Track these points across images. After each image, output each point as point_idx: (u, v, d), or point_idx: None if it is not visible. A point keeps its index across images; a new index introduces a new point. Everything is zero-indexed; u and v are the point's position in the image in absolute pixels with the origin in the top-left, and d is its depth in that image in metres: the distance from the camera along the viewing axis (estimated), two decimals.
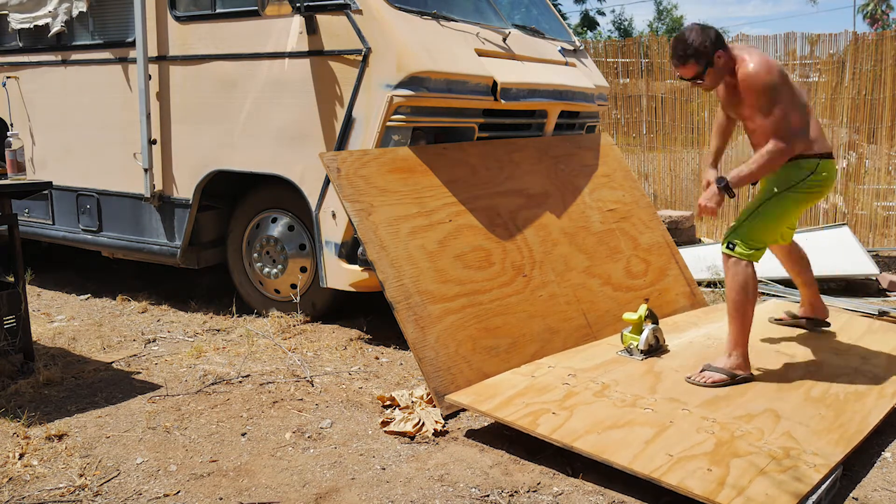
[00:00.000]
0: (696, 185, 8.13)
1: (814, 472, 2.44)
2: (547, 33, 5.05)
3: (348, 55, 3.86)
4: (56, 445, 2.81)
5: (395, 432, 2.93)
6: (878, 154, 7.32)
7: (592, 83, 5.02)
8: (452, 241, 3.66)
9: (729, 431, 2.70)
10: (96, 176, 4.98)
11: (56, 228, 5.29)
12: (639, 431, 2.69)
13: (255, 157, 4.27)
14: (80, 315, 4.68)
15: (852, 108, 7.40)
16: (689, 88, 8.20)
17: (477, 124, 4.19)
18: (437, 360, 3.18)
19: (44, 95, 5.21)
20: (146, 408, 3.18)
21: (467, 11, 4.47)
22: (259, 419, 3.07)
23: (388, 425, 2.97)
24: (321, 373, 3.60)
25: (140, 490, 2.50)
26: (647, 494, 2.46)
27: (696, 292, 4.84)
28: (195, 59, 4.41)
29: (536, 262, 3.97)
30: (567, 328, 3.83)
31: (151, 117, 4.56)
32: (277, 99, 4.13)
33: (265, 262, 4.52)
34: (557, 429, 2.69)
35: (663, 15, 39.10)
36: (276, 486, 2.52)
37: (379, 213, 3.48)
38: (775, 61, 3.27)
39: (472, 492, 2.49)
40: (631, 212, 4.88)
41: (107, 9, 4.87)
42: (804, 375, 3.31)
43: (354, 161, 3.60)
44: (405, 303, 3.28)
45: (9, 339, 3.45)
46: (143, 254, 4.87)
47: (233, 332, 4.24)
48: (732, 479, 2.37)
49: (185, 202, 4.57)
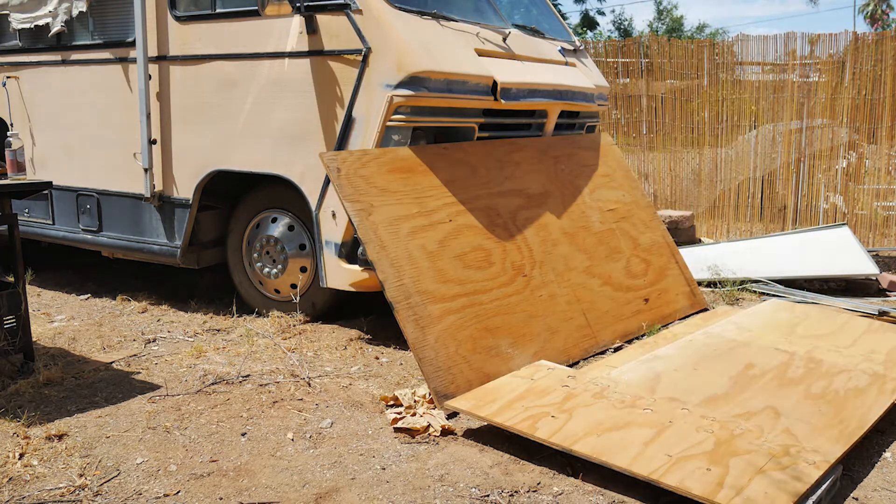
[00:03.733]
0: (695, 184, 8.13)
1: (813, 469, 2.44)
2: (547, 33, 5.05)
3: (348, 55, 3.86)
4: (56, 445, 2.81)
5: (405, 429, 2.94)
6: (878, 154, 7.32)
7: (592, 83, 5.03)
8: (452, 241, 3.66)
9: (728, 430, 2.70)
10: (96, 176, 4.98)
11: (56, 228, 5.29)
12: (638, 432, 2.69)
13: (255, 157, 4.27)
14: (80, 315, 4.68)
15: (852, 108, 7.40)
16: (689, 88, 8.21)
17: (477, 124, 4.19)
18: (438, 360, 3.18)
19: (44, 95, 5.21)
20: (146, 408, 3.18)
21: (467, 11, 4.47)
22: (259, 419, 3.07)
23: (397, 422, 2.98)
24: (321, 373, 3.60)
25: (140, 490, 2.50)
26: (646, 494, 2.46)
27: (696, 292, 4.84)
28: (195, 59, 4.41)
29: (536, 262, 3.97)
30: (567, 328, 3.83)
31: (151, 117, 4.56)
32: (277, 99, 4.13)
33: (265, 261, 4.52)
34: (556, 432, 2.69)
35: (663, 15, 39.08)
36: (276, 486, 2.52)
37: (379, 213, 3.49)
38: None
39: (472, 492, 2.49)
40: (631, 212, 4.88)
41: (107, 9, 4.87)
42: (804, 373, 3.31)
43: (354, 161, 3.60)
44: (405, 303, 3.28)
45: (9, 339, 3.45)
46: (143, 254, 4.87)
47: (233, 332, 4.24)
48: (731, 478, 2.37)
49: (185, 202, 4.57)
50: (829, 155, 7.54)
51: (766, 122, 7.83)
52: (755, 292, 5.25)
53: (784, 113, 7.71)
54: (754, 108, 7.92)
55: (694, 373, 3.34)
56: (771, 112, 7.79)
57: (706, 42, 8.25)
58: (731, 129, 7.97)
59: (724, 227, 7.97)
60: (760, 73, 7.98)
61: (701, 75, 8.10)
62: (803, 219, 7.45)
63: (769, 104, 7.79)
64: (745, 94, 7.90)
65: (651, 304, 4.43)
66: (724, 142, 8.00)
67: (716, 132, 8.02)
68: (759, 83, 7.88)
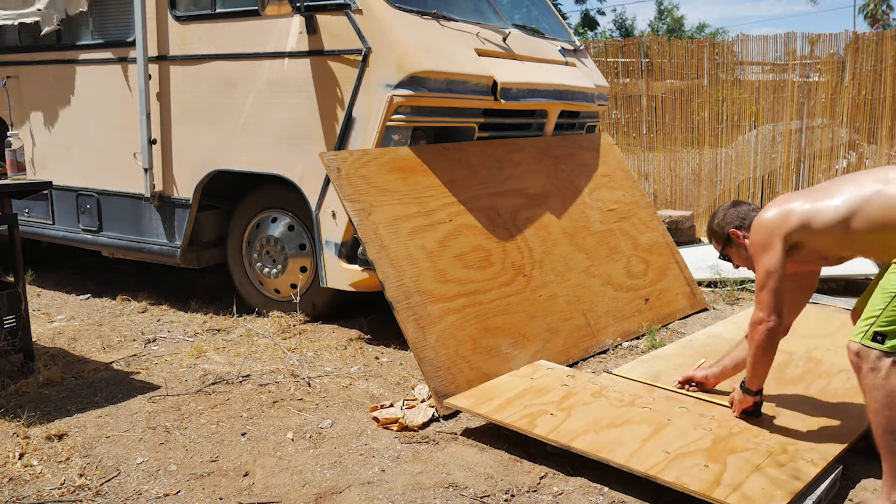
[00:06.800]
0: (695, 184, 8.13)
1: (811, 466, 2.44)
2: (547, 33, 5.05)
3: (348, 55, 3.87)
4: (56, 445, 2.81)
5: (387, 420, 2.97)
6: (878, 154, 7.32)
7: (592, 83, 5.03)
8: (452, 240, 3.66)
9: (727, 428, 2.70)
10: (96, 176, 4.98)
11: (56, 228, 5.29)
12: (636, 430, 2.69)
13: (255, 157, 4.27)
14: (80, 315, 4.69)
15: (852, 108, 7.41)
16: (688, 88, 8.21)
17: (477, 124, 4.20)
18: (437, 359, 3.18)
19: (44, 95, 5.21)
20: (146, 408, 3.18)
21: (467, 11, 4.47)
22: (259, 419, 3.07)
23: (375, 410, 3.02)
24: (321, 373, 3.60)
25: (140, 490, 2.50)
26: (647, 494, 2.46)
27: (696, 292, 4.84)
28: (195, 59, 4.41)
29: (536, 261, 3.97)
30: (567, 328, 3.83)
31: (151, 117, 4.56)
32: (277, 99, 4.13)
33: (265, 261, 4.52)
34: (555, 429, 2.69)
35: (664, 15, 39.08)
36: (276, 486, 2.53)
37: (379, 213, 3.49)
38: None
39: (472, 491, 2.49)
40: (631, 212, 4.88)
41: (107, 8, 4.87)
42: (803, 372, 3.32)
43: (354, 161, 3.60)
44: (405, 303, 3.28)
45: (9, 339, 3.45)
46: (143, 254, 4.87)
47: (233, 332, 4.24)
48: (729, 475, 2.37)
49: (185, 202, 4.58)
50: (829, 155, 7.54)
51: (766, 122, 7.84)
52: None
53: (784, 113, 7.72)
54: (754, 108, 7.93)
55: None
56: (771, 112, 7.80)
57: (706, 42, 8.26)
58: (731, 129, 7.98)
59: None
60: (760, 72, 7.98)
61: (701, 75, 8.10)
62: None
63: (769, 104, 7.79)
64: (745, 93, 7.90)
65: (651, 304, 4.43)
66: (724, 142, 8.00)
67: (716, 132, 8.02)
68: (759, 83, 7.88)
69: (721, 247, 2.91)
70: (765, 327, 2.59)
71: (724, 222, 2.87)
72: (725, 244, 2.88)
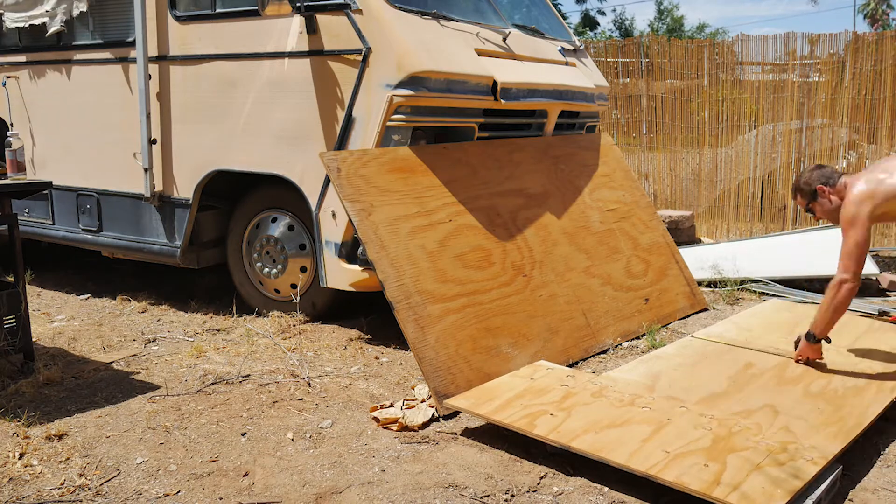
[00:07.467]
0: (695, 185, 8.13)
1: (811, 465, 2.44)
2: (547, 33, 5.05)
3: (348, 55, 3.87)
4: (56, 445, 2.81)
5: (387, 420, 2.97)
6: (878, 154, 7.32)
7: (592, 83, 5.03)
8: (452, 240, 3.66)
9: (727, 427, 2.70)
10: (96, 176, 4.98)
11: (56, 228, 5.29)
12: (636, 429, 2.69)
13: (255, 157, 4.27)
14: (80, 315, 4.69)
15: (852, 108, 7.40)
16: (688, 88, 8.21)
17: (477, 124, 4.20)
18: (437, 359, 3.18)
19: (44, 95, 5.21)
20: (146, 408, 3.18)
21: (467, 11, 4.47)
22: (259, 419, 3.07)
23: (379, 420, 3.00)
24: (321, 373, 3.60)
25: (140, 490, 2.50)
26: (647, 493, 2.46)
27: (696, 292, 4.84)
28: (195, 59, 4.41)
29: (536, 261, 3.97)
30: (567, 328, 3.83)
31: (151, 117, 4.56)
32: (277, 99, 4.13)
33: (265, 261, 4.52)
34: (555, 429, 2.69)
35: (664, 15, 39.08)
36: (276, 486, 2.53)
37: (379, 213, 3.49)
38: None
39: (472, 491, 2.49)
40: (631, 212, 4.88)
41: (107, 9, 4.87)
42: (803, 372, 3.32)
43: (354, 161, 3.60)
44: (405, 303, 3.28)
45: (9, 339, 3.45)
46: (143, 254, 4.87)
47: (233, 332, 4.24)
48: (729, 474, 2.37)
49: (185, 202, 4.58)
50: (829, 155, 7.54)
51: (766, 122, 7.83)
52: (755, 292, 5.25)
53: (784, 113, 7.72)
54: (754, 108, 7.93)
55: (693, 372, 3.35)
56: (771, 112, 7.80)
57: (706, 42, 8.25)
58: (731, 129, 7.98)
59: (724, 227, 7.97)
60: (760, 73, 7.98)
61: (701, 75, 8.10)
62: (803, 219, 7.45)
63: (769, 104, 7.79)
64: (745, 93, 7.90)
65: (651, 304, 4.43)
66: (724, 142, 8.00)
67: (716, 132, 8.02)
68: (759, 83, 7.88)
69: (806, 202, 3.42)
70: (848, 287, 3.17)
71: (811, 180, 3.39)
72: (811, 199, 3.39)
